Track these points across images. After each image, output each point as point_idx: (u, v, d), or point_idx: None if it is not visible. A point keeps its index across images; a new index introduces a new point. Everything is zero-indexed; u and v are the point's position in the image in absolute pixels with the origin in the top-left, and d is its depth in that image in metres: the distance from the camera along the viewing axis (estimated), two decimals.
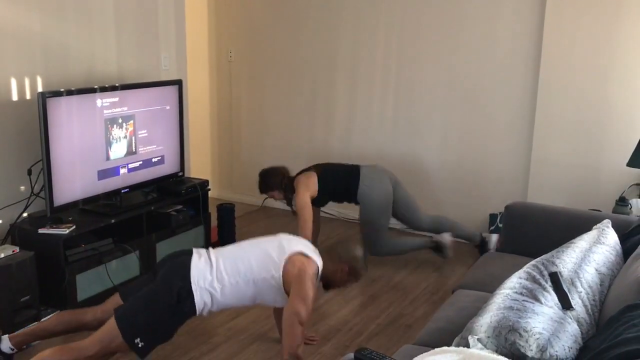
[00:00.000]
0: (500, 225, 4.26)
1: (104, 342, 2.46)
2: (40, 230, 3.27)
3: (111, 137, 3.60)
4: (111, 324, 2.47)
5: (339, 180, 4.06)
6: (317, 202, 4.05)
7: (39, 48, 3.49)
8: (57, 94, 3.27)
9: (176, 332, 2.60)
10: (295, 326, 2.45)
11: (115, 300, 2.67)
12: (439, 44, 4.63)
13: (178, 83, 4.06)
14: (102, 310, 2.67)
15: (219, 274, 2.53)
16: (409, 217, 4.24)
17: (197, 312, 2.54)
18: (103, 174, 3.58)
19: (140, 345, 2.47)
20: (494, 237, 4.23)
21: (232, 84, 5.58)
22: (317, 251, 2.69)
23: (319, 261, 2.63)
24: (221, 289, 2.53)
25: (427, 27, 4.64)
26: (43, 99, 3.17)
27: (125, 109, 3.68)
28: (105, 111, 3.54)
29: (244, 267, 2.56)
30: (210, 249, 2.69)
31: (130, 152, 3.75)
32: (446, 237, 4.17)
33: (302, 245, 2.67)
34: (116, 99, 3.60)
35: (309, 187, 3.94)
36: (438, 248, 4.20)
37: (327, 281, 2.73)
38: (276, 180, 4.02)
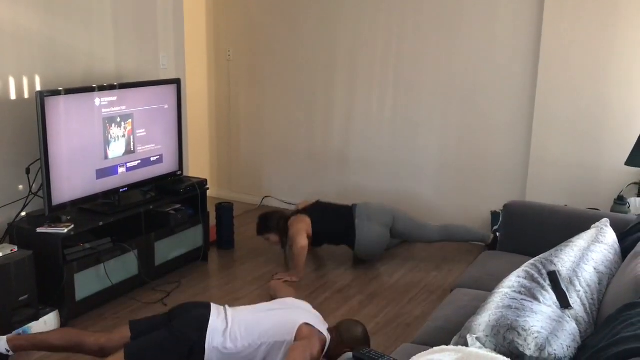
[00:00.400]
0: None
1: None
2: (39, 230, 3.26)
3: (109, 136, 3.60)
4: (118, 359, 2.49)
5: (332, 233, 4.17)
6: (312, 243, 4.12)
7: (37, 47, 3.49)
8: (55, 93, 3.26)
9: None
10: (300, 351, 2.45)
11: (123, 332, 2.67)
12: (438, 44, 4.62)
13: (176, 82, 4.05)
14: (107, 338, 2.67)
15: (232, 335, 2.58)
16: (417, 238, 4.32)
17: None
18: (101, 173, 3.58)
19: None
20: None
21: (231, 83, 5.57)
22: (326, 325, 2.73)
23: (328, 338, 2.67)
24: (233, 350, 2.57)
25: (426, 28, 4.64)
26: (41, 98, 3.16)
27: (124, 108, 3.67)
28: (103, 110, 3.54)
29: (259, 331, 2.60)
30: (227, 307, 2.73)
31: (128, 151, 3.75)
32: None
33: (316, 318, 2.73)
34: (114, 98, 3.60)
35: (304, 225, 4.02)
36: None
37: None
38: (273, 223, 4.12)
